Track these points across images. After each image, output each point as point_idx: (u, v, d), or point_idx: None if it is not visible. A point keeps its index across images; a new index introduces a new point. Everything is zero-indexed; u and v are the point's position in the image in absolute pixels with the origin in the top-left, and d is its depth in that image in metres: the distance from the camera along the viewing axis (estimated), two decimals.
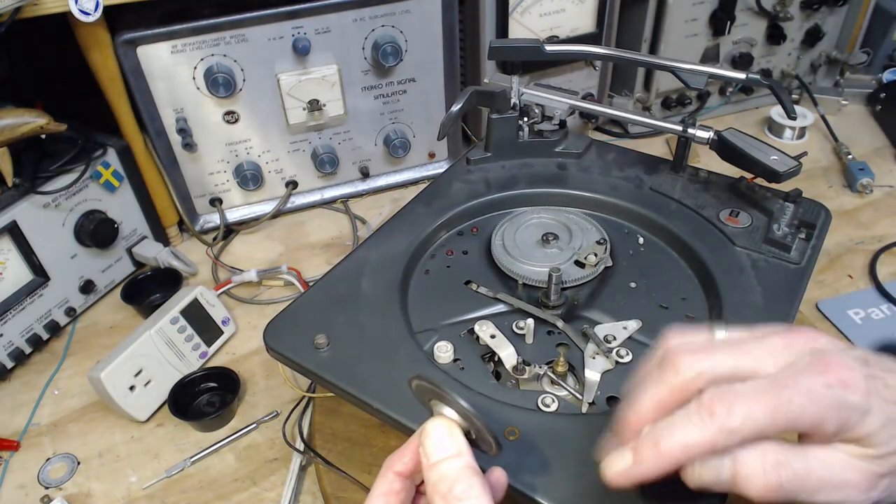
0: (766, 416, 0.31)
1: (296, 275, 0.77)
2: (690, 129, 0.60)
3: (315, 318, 0.51)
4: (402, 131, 0.90)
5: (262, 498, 0.57)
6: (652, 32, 0.93)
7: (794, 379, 0.31)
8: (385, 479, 0.35)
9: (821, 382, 0.31)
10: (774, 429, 0.31)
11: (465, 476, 0.32)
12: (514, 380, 0.48)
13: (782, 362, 0.33)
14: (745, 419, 0.31)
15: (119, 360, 0.61)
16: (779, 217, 0.56)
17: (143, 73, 0.74)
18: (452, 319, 0.53)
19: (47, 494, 0.58)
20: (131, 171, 0.77)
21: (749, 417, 0.31)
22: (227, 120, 0.81)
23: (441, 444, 0.33)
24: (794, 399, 0.31)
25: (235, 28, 0.74)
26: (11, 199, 0.66)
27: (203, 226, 0.87)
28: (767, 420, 0.31)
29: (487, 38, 0.85)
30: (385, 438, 0.56)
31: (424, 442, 0.33)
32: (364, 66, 0.82)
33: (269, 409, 0.64)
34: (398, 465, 0.35)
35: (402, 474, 0.35)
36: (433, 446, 0.33)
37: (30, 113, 0.64)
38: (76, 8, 0.65)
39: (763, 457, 0.31)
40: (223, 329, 0.70)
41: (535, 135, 0.67)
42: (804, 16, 0.99)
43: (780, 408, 0.31)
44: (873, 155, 0.94)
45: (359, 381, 0.46)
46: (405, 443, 0.35)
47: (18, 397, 0.67)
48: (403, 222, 0.60)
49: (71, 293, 0.74)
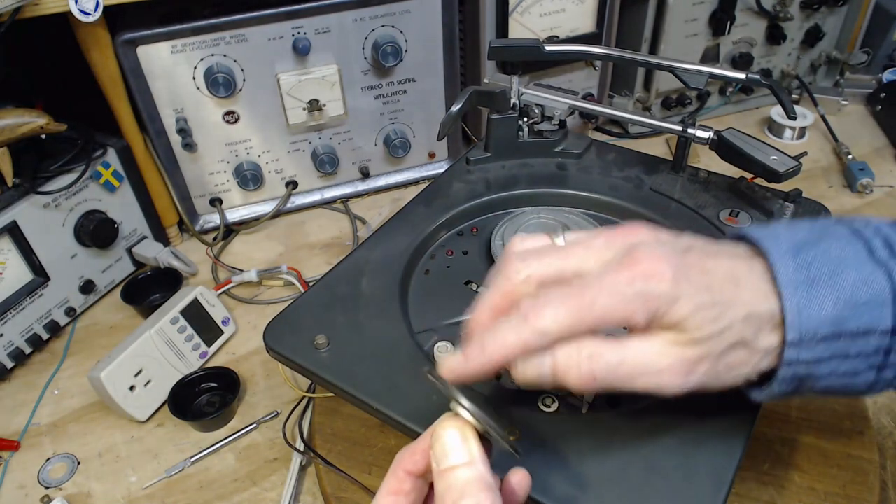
0: (571, 317, 0.33)
1: (296, 275, 0.77)
2: (690, 129, 0.60)
3: (315, 318, 0.51)
4: (402, 131, 0.90)
5: (262, 498, 0.57)
6: (652, 32, 0.93)
7: (600, 278, 0.33)
8: (395, 478, 0.34)
9: (624, 278, 0.33)
10: (584, 327, 0.33)
11: (474, 489, 0.30)
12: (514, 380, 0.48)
13: (602, 260, 0.35)
14: (552, 321, 0.33)
15: (119, 360, 0.61)
16: (779, 217, 0.56)
17: (143, 73, 0.74)
18: (452, 319, 0.53)
19: (47, 494, 0.58)
20: (131, 171, 0.77)
21: (556, 320, 0.33)
22: (227, 120, 0.81)
23: (452, 449, 0.31)
24: (597, 299, 0.33)
25: (235, 28, 0.74)
26: (11, 199, 0.66)
27: (203, 226, 0.87)
28: (574, 320, 0.33)
29: (487, 38, 0.85)
30: (385, 438, 0.56)
31: (434, 445, 0.32)
32: (364, 66, 0.82)
33: (269, 409, 0.64)
34: (409, 464, 0.33)
35: (412, 473, 0.33)
36: (443, 451, 0.31)
37: (30, 113, 0.64)
38: (76, 8, 0.65)
39: (577, 352, 0.33)
40: (223, 329, 0.70)
41: (535, 135, 0.67)
42: (804, 16, 0.99)
43: (583, 309, 0.33)
44: (873, 155, 0.94)
45: (359, 381, 0.45)
46: (418, 438, 0.34)
47: (18, 397, 0.67)
48: (403, 222, 0.60)
49: (71, 293, 0.74)
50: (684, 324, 0.33)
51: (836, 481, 0.51)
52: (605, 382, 0.33)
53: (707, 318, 0.32)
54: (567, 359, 0.33)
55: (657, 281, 0.32)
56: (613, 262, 0.34)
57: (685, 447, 0.40)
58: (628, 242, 0.35)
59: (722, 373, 0.34)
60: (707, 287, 0.33)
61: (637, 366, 0.33)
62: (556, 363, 0.33)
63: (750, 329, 0.33)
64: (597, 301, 0.33)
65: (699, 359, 0.33)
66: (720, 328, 0.33)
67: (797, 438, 0.54)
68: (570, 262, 0.35)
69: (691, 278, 0.33)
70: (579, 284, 0.33)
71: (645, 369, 0.33)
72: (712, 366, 0.34)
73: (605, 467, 0.39)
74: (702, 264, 0.34)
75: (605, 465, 0.39)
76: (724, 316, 0.33)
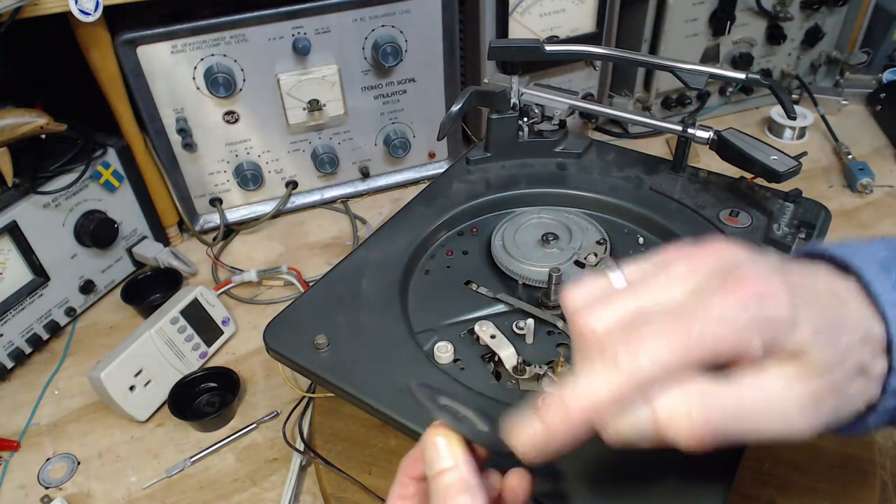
0: (673, 352, 0.27)
1: (296, 275, 0.77)
2: (690, 129, 0.60)
3: (315, 318, 0.51)
4: (402, 131, 0.90)
5: (262, 498, 0.57)
6: (652, 32, 0.93)
7: (703, 305, 0.28)
8: (399, 483, 0.35)
9: (733, 303, 0.27)
10: (689, 364, 0.27)
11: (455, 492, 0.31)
12: (515, 380, 0.48)
13: (691, 289, 0.29)
14: (651, 360, 0.27)
15: (119, 360, 0.61)
16: (779, 217, 0.56)
17: (143, 73, 0.73)
18: (452, 319, 0.53)
19: (47, 494, 0.58)
20: (131, 171, 0.77)
21: (655, 358, 0.27)
22: (227, 120, 0.81)
23: (436, 455, 0.32)
24: (703, 329, 0.27)
25: (235, 28, 0.74)
26: (11, 199, 0.66)
27: (203, 226, 0.87)
28: (677, 357, 0.27)
29: (487, 38, 0.85)
30: (385, 438, 0.56)
31: (424, 452, 0.33)
32: (364, 66, 0.82)
33: (269, 409, 0.64)
34: (410, 469, 0.34)
35: (414, 478, 0.34)
36: (429, 457, 0.33)
37: (30, 113, 0.64)
38: (76, 8, 0.65)
39: (684, 397, 0.27)
40: (223, 329, 0.70)
41: (534, 135, 0.67)
42: (804, 16, 0.99)
43: (687, 342, 0.27)
44: (873, 155, 0.94)
45: (359, 381, 0.46)
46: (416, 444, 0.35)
47: (18, 397, 0.67)
48: (403, 222, 0.60)
49: (71, 293, 0.74)
50: (806, 351, 0.28)
51: (836, 481, 0.51)
52: (723, 432, 0.28)
53: (828, 343, 0.28)
54: (672, 407, 0.27)
55: (773, 303, 0.27)
56: (711, 288, 0.28)
57: None
58: (720, 263, 0.29)
59: (843, 408, 0.30)
60: (820, 308, 0.29)
61: (761, 407, 0.28)
62: (659, 414, 0.28)
63: (867, 353, 0.29)
64: (704, 332, 0.27)
65: (825, 392, 0.28)
66: (841, 354, 0.29)
67: None
68: (648, 297, 0.30)
69: (804, 298, 0.28)
70: (675, 317, 0.28)
71: (768, 411, 0.28)
72: (837, 400, 0.29)
73: (605, 467, 0.39)
74: (805, 282, 0.30)
75: (605, 464, 0.39)
76: (842, 340, 0.29)
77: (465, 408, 0.35)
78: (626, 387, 0.28)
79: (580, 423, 0.29)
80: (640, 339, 0.28)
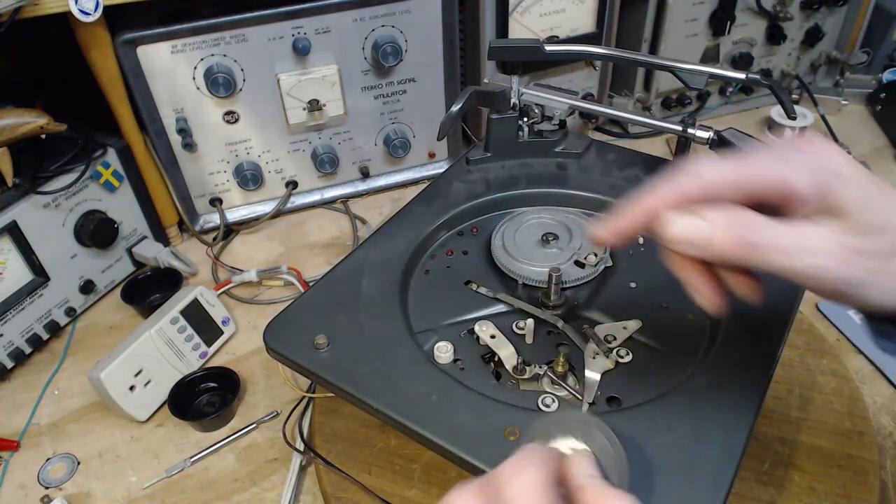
0: (733, 171, 0.33)
1: (296, 275, 0.77)
2: (690, 129, 0.60)
3: (315, 318, 0.51)
4: (402, 131, 0.90)
5: (262, 498, 0.57)
6: (652, 32, 0.93)
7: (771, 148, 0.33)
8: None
9: (795, 149, 0.33)
10: (745, 187, 0.33)
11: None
12: (514, 380, 0.48)
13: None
14: (714, 170, 0.33)
15: (119, 360, 0.61)
16: None
17: (143, 73, 0.74)
18: (452, 319, 0.53)
19: (47, 494, 0.58)
20: (131, 171, 0.77)
21: (718, 170, 0.33)
22: (227, 120, 0.81)
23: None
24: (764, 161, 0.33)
25: (235, 28, 0.74)
26: (11, 199, 0.66)
27: (203, 226, 0.87)
28: (736, 174, 0.33)
29: (487, 38, 0.85)
30: (385, 438, 0.56)
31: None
32: (364, 66, 0.82)
33: (269, 409, 0.64)
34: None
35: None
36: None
37: (30, 113, 0.65)
38: (76, 8, 0.65)
39: (732, 216, 0.32)
40: (223, 329, 0.70)
41: (534, 135, 0.67)
42: (804, 16, 0.99)
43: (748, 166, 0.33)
44: (873, 155, 0.94)
45: (359, 381, 0.45)
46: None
47: (18, 397, 0.67)
48: (403, 222, 0.60)
49: (71, 293, 0.74)
50: (849, 208, 0.31)
51: (836, 481, 0.51)
52: (760, 254, 0.32)
53: (873, 208, 0.32)
54: (723, 220, 0.32)
55: (832, 159, 0.32)
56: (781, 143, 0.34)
57: (685, 446, 0.40)
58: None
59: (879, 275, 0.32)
60: (877, 184, 0.33)
61: (796, 243, 0.32)
62: (713, 223, 0.32)
63: None
64: (764, 162, 0.32)
65: (860, 249, 0.32)
66: (884, 222, 0.32)
67: (797, 438, 0.54)
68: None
69: (863, 173, 0.33)
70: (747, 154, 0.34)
71: (804, 246, 0.32)
72: (874, 262, 0.32)
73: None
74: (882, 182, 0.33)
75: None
76: (889, 213, 0.32)
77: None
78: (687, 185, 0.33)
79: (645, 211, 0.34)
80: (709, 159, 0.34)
